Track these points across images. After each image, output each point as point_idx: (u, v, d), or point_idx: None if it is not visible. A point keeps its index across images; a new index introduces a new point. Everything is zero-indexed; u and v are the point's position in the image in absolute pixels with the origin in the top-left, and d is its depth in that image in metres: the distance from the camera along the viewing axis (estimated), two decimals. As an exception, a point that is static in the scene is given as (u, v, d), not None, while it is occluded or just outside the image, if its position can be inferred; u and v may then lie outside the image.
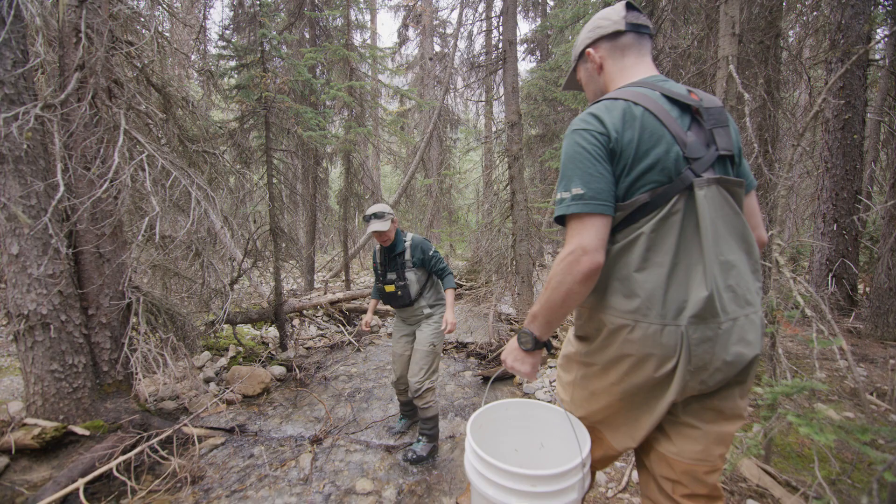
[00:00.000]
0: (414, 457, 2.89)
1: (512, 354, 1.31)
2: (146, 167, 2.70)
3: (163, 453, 2.83)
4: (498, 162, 5.59)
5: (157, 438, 2.84)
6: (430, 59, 14.75)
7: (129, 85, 3.11)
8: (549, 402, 3.80)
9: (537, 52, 13.85)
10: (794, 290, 2.13)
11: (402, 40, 15.78)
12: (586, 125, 1.15)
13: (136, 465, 2.72)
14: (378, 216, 2.87)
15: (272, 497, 2.61)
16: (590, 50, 1.34)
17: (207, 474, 2.84)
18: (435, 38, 15.87)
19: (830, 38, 5.73)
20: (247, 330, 5.30)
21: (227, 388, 3.90)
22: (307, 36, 8.06)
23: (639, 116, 1.11)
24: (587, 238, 1.09)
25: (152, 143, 2.92)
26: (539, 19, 12.81)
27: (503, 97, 5.04)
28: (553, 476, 1.08)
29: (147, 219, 2.67)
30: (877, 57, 6.74)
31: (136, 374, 3.05)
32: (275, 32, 4.01)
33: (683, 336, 1.09)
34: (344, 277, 6.90)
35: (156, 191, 2.79)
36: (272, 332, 5.37)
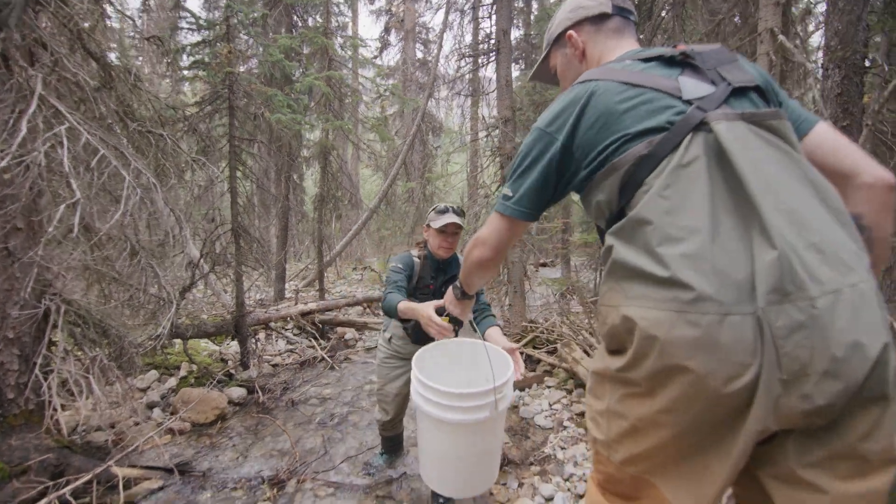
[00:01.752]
0: None
1: (449, 297, 1.57)
2: (65, 142, 2.15)
3: (77, 505, 2.22)
4: (488, 163, 5.19)
5: (69, 487, 2.24)
6: (413, 64, 14.45)
7: (59, 48, 2.55)
8: (549, 428, 3.35)
9: (521, 61, 13.69)
10: None
11: (384, 45, 15.44)
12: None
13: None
14: (458, 212, 2.26)
15: (215, 564, 2.05)
16: (571, 32, 1.18)
17: (135, 532, 2.25)
18: (417, 45, 15.61)
19: (826, 45, 5.61)
20: (204, 345, 4.67)
21: (173, 417, 3.28)
22: (283, 32, 7.58)
23: (603, 91, 0.97)
24: (485, 231, 1.16)
25: (82, 118, 2.37)
26: (523, 28, 12.67)
27: (495, 91, 4.66)
28: (470, 394, 1.40)
29: (63, 207, 2.10)
30: (867, 64, 6.71)
31: (51, 402, 2.44)
32: (244, 7, 3.52)
33: (761, 325, 0.72)
34: (318, 287, 6.32)
35: (78, 173, 2.23)
36: (234, 346, 4.75)
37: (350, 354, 5.26)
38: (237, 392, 3.76)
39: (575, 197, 10.97)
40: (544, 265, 12.83)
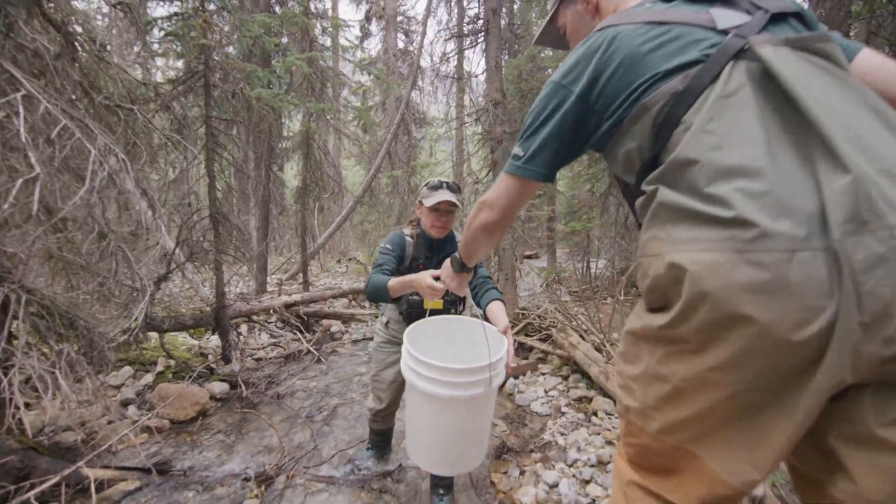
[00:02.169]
0: None
1: (445, 271, 1.49)
2: (21, 111, 1.94)
3: (44, 511, 2.03)
4: (476, 148, 5.05)
5: (35, 491, 2.04)
6: (395, 54, 14.18)
7: (15, 11, 2.32)
8: (546, 415, 3.27)
9: (504, 52, 13.58)
10: None
11: (365, 34, 15.13)
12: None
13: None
14: (453, 188, 2.12)
15: (200, 568, 1.89)
16: None
17: (109, 537, 2.07)
18: (399, 34, 15.33)
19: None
20: (182, 339, 4.44)
21: (150, 414, 3.09)
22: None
23: (624, 35, 0.89)
24: (492, 194, 1.10)
25: (41, 87, 2.15)
26: (507, 17, 12.55)
27: (485, 74, 4.53)
28: (466, 370, 1.36)
29: (20, 181, 1.90)
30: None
31: (12, 399, 2.23)
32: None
33: (837, 260, 0.64)
34: (302, 279, 6.11)
35: (37, 146, 2.02)
36: (214, 341, 4.53)
37: (337, 347, 5.10)
38: (219, 387, 3.57)
39: (561, 186, 10.96)
40: (529, 257, 12.82)
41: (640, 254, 0.86)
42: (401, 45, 15.24)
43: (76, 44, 2.68)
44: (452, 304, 2.23)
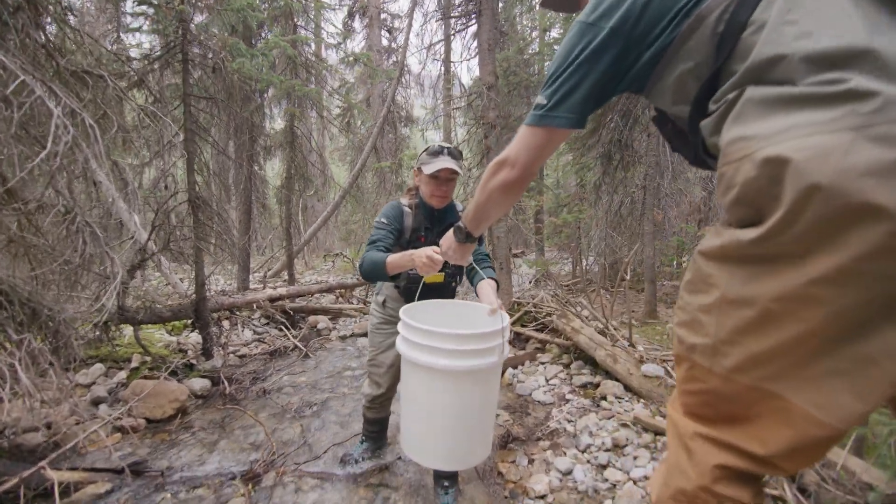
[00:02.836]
0: None
1: (447, 243, 1.38)
2: (-30, 64, 1.72)
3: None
4: (469, 135, 4.91)
5: (-13, 494, 1.80)
6: (378, 51, 14.01)
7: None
8: (550, 403, 3.12)
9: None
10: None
11: (348, 32, 14.89)
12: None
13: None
14: (454, 154, 1.93)
15: (180, 575, 1.68)
16: None
17: (76, 544, 1.84)
18: (383, 32, 15.18)
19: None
20: (159, 336, 4.16)
21: (122, 410, 2.84)
22: None
23: None
24: (511, 150, 1.01)
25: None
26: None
27: (477, 57, 4.40)
28: (476, 336, 1.24)
29: (-31, 143, 1.68)
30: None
31: (-38, 394, 1.98)
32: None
33: None
34: (287, 275, 5.86)
35: (-10, 104, 1.79)
36: (193, 337, 4.27)
37: (324, 343, 4.88)
38: (199, 383, 3.33)
39: (548, 181, 10.91)
40: (516, 255, 12.74)
41: (721, 163, 0.72)
42: (385, 42, 15.12)
43: (38, 4, 2.45)
44: (453, 277, 2.08)
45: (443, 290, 2.04)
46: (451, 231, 1.36)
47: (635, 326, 4.46)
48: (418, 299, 1.70)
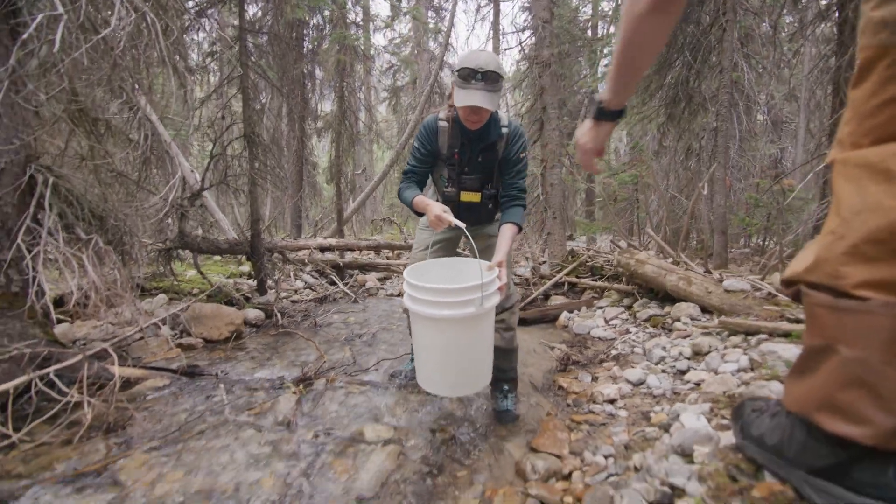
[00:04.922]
0: (513, 417, 1.86)
1: (580, 129, 1.21)
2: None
3: (67, 390, 1.84)
4: (522, 76, 4.70)
5: (52, 367, 1.86)
6: (425, 31, 13.96)
7: None
8: (611, 339, 2.89)
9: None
10: None
11: (395, 14, 14.98)
12: None
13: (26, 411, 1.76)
14: (490, 77, 1.61)
15: (231, 447, 1.65)
16: None
17: (136, 421, 1.87)
18: (430, 12, 15.12)
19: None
20: (216, 279, 4.29)
21: (182, 332, 2.91)
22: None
23: None
24: None
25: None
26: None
27: (531, -6, 4.18)
28: (457, 289, 1.45)
29: (40, 16, 1.71)
30: None
31: (35, 277, 2.07)
32: None
33: None
34: (337, 227, 5.89)
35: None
36: (248, 282, 4.37)
37: (373, 296, 4.86)
38: (254, 313, 3.38)
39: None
40: (570, 238, 12.33)
41: None
42: (431, 24, 15.05)
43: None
44: (490, 199, 1.92)
45: (479, 209, 1.96)
46: (588, 102, 1.20)
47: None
48: (457, 217, 1.67)
